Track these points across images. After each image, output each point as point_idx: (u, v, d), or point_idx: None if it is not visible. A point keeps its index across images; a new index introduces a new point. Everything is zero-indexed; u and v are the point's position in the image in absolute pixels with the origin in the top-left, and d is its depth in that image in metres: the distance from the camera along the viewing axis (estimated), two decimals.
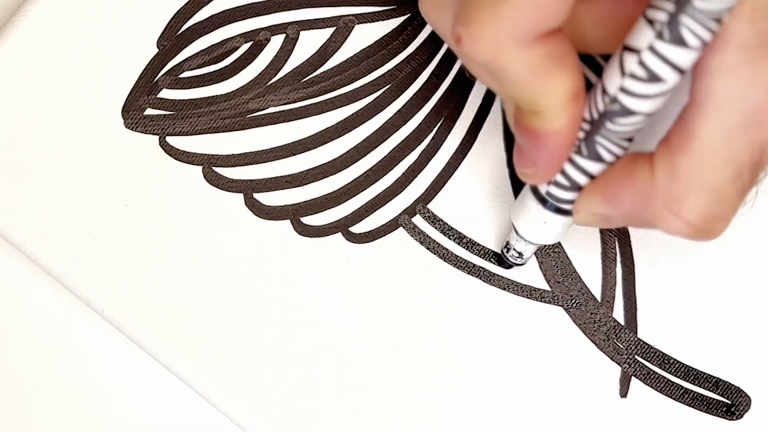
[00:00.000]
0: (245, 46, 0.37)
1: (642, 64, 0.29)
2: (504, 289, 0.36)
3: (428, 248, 0.37)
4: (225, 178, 0.36)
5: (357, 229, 0.37)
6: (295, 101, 0.37)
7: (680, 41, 0.29)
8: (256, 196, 0.37)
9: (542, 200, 0.34)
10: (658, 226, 0.32)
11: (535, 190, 0.34)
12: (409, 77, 0.37)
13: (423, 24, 0.37)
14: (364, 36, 0.37)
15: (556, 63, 0.31)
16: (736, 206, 0.32)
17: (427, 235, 0.37)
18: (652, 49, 0.29)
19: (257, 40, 0.37)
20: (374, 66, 0.37)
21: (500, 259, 0.37)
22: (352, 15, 0.37)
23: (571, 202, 0.33)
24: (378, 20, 0.37)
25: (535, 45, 0.30)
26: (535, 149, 0.33)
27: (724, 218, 0.32)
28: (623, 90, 0.30)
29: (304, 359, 0.36)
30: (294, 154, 0.37)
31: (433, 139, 0.37)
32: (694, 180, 0.31)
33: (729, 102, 0.30)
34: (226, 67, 0.37)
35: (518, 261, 0.36)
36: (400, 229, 0.37)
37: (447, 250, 0.37)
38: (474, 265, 0.37)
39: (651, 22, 0.29)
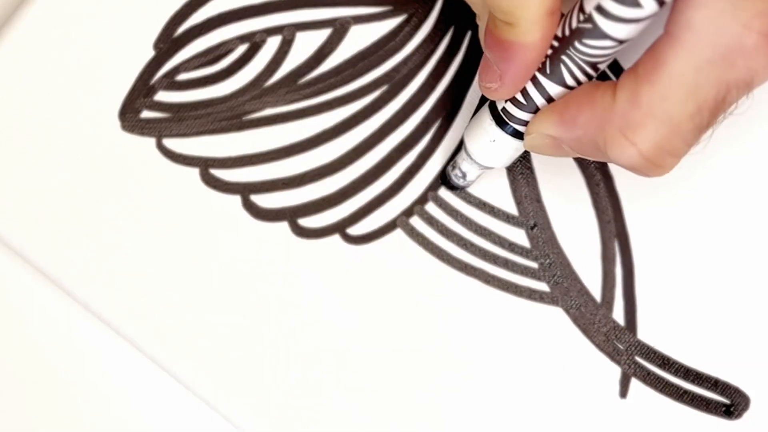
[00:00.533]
0: (241, 48, 0.37)
1: None
2: (503, 290, 0.36)
3: (426, 249, 0.37)
4: (222, 180, 0.36)
5: (354, 230, 0.37)
6: (291, 103, 0.37)
7: None
8: (253, 198, 0.36)
9: (497, 119, 0.33)
10: (610, 153, 0.32)
11: (492, 108, 0.34)
12: (406, 78, 0.37)
13: (419, 25, 0.37)
14: (360, 37, 0.37)
15: None
16: (689, 144, 0.31)
17: (425, 237, 0.37)
18: None
19: (253, 42, 0.37)
20: (371, 67, 0.37)
21: (444, 179, 0.37)
22: (349, 16, 0.37)
23: (526, 123, 0.33)
24: (375, 21, 0.37)
25: None
26: (503, 62, 0.33)
27: (675, 153, 0.32)
28: (600, 9, 0.30)
29: (303, 360, 0.36)
30: (291, 156, 0.37)
31: (430, 140, 0.37)
32: (655, 109, 0.31)
33: (705, 36, 0.30)
34: (222, 69, 0.37)
35: (461, 182, 0.36)
36: (398, 230, 0.37)
37: (445, 251, 0.37)
38: (473, 266, 0.37)
39: None
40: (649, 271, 0.36)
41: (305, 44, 0.37)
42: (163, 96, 0.37)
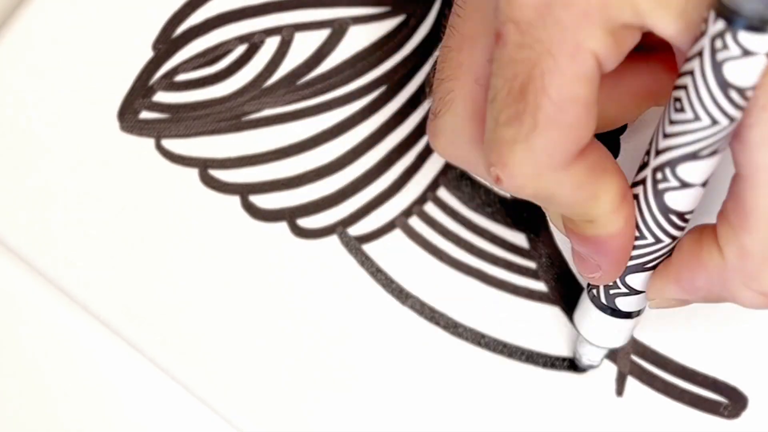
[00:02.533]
0: (240, 49, 0.38)
1: (688, 102, 0.30)
2: (501, 289, 0.37)
3: (425, 250, 0.38)
4: (221, 180, 0.37)
5: (353, 231, 0.38)
6: (290, 103, 0.38)
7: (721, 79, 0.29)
8: (252, 198, 0.37)
9: (603, 309, 0.35)
10: (737, 303, 0.33)
11: (594, 300, 0.35)
12: (404, 79, 0.38)
13: (417, 26, 0.38)
14: (358, 38, 0.38)
15: (599, 173, 0.32)
16: None
17: (424, 237, 0.38)
18: (698, 93, 0.30)
19: (252, 43, 0.38)
20: (369, 68, 0.38)
21: (573, 365, 0.38)
22: (348, 17, 0.38)
23: (638, 286, 0.34)
24: (373, 22, 0.38)
25: (575, 164, 0.31)
26: (597, 255, 0.34)
27: None
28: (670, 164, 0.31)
29: (302, 360, 0.37)
30: (290, 156, 0.38)
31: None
32: (766, 253, 0.32)
33: None
34: (221, 69, 0.38)
35: (593, 364, 0.38)
36: (397, 230, 0.38)
37: (443, 251, 0.38)
38: (471, 266, 0.38)
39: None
40: None
41: (304, 45, 0.38)
42: (161, 97, 0.37)
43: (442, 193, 0.38)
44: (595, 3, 0.30)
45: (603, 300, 0.34)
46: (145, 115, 0.38)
